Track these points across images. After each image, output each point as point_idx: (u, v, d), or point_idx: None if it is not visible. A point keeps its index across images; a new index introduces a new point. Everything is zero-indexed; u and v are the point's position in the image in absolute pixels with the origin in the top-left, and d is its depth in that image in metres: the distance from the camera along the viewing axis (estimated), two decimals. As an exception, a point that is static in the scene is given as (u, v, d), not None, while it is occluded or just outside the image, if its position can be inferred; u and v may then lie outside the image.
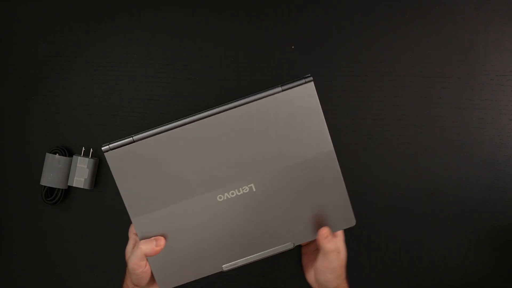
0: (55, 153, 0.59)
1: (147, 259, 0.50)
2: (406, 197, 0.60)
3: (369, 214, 0.58)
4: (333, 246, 0.49)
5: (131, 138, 0.48)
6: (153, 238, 0.50)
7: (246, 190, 0.50)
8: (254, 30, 0.61)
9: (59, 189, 0.60)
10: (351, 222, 0.51)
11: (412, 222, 0.60)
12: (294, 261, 0.60)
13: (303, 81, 0.48)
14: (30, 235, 0.61)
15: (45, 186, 0.59)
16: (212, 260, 0.51)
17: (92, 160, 0.59)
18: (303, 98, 0.49)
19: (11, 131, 0.62)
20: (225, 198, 0.50)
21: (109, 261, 0.60)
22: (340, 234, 0.52)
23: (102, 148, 0.48)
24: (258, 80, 0.60)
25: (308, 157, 0.50)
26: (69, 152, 0.60)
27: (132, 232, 0.53)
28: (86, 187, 0.59)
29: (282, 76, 0.60)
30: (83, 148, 0.60)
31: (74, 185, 0.59)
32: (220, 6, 0.61)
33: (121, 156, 0.49)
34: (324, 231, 0.49)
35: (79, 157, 0.59)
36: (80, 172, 0.59)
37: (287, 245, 0.51)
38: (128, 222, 0.60)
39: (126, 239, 0.60)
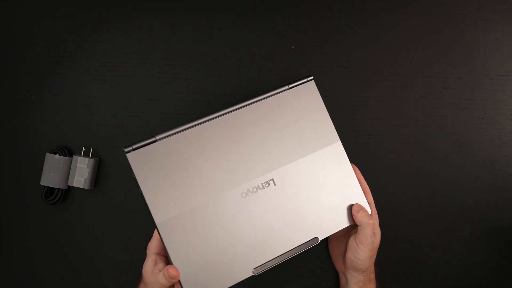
0: (55, 153, 0.59)
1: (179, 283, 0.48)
2: (406, 197, 0.60)
3: (369, 214, 0.58)
4: (368, 219, 0.50)
5: (154, 138, 0.48)
6: (164, 271, 0.46)
7: (267, 185, 0.50)
8: (254, 30, 0.61)
9: (59, 189, 0.59)
10: (367, 210, 0.52)
11: (412, 222, 0.60)
12: (293, 262, 0.60)
13: (305, 80, 0.52)
14: (30, 235, 0.61)
15: (45, 186, 0.59)
16: (241, 264, 0.49)
17: (92, 160, 0.59)
18: (307, 95, 0.52)
19: (11, 131, 0.62)
20: (248, 194, 0.50)
21: (109, 261, 0.60)
22: (375, 217, 0.53)
23: (125, 150, 0.47)
24: (258, 80, 0.60)
25: (319, 148, 0.52)
26: (69, 152, 0.60)
27: (151, 251, 0.50)
28: (86, 187, 0.59)
29: (282, 76, 0.60)
30: (83, 148, 0.60)
31: (74, 185, 0.59)
32: (220, 6, 0.61)
33: (144, 157, 0.47)
34: (356, 206, 0.51)
35: (79, 157, 0.59)
36: (80, 172, 0.59)
37: (314, 240, 0.51)
38: (128, 221, 0.60)
39: (126, 238, 0.61)
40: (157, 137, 0.48)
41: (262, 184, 0.50)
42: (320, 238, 0.51)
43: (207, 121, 0.50)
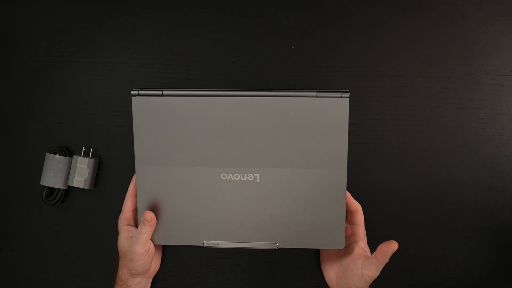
0: (55, 153, 0.59)
1: (150, 242, 0.52)
2: (406, 197, 0.60)
3: (369, 214, 0.58)
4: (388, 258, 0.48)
5: (161, 91, 0.50)
6: (142, 219, 0.51)
7: (250, 178, 0.50)
8: (254, 30, 0.61)
9: (59, 189, 0.60)
10: (340, 245, 0.52)
11: (412, 222, 0.60)
12: (293, 262, 0.60)
13: (339, 94, 0.49)
14: (30, 235, 0.61)
15: (45, 186, 0.59)
16: (197, 232, 0.52)
17: (92, 160, 0.59)
18: (334, 110, 0.49)
19: (11, 131, 0.62)
20: (228, 178, 0.51)
21: (109, 261, 0.60)
22: (364, 238, 0.54)
23: (132, 92, 0.50)
24: (258, 80, 0.60)
25: (320, 168, 0.50)
26: (69, 152, 0.60)
27: (123, 223, 0.54)
28: (86, 187, 0.59)
29: (282, 76, 0.60)
30: (83, 148, 0.60)
31: (74, 185, 0.59)
32: (220, 6, 0.61)
33: (146, 105, 0.50)
34: (396, 246, 0.47)
35: (79, 157, 0.59)
36: (80, 172, 0.59)
37: (272, 244, 0.52)
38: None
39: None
40: (164, 92, 0.50)
41: (246, 175, 0.50)
42: (280, 246, 0.52)
43: (219, 96, 0.50)
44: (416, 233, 0.60)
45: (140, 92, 0.50)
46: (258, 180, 0.51)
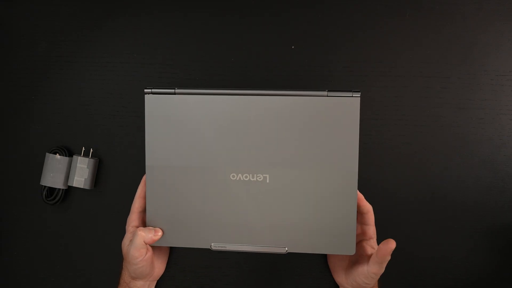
0: (55, 153, 0.59)
1: (148, 247, 0.51)
2: (406, 197, 0.60)
3: (369, 214, 0.59)
4: (388, 258, 0.49)
5: (173, 90, 0.50)
6: (152, 228, 0.51)
7: (260, 178, 0.50)
8: (254, 30, 0.61)
9: (59, 189, 0.60)
10: (351, 250, 0.50)
11: (412, 222, 0.60)
12: (292, 261, 0.60)
13: (350, 94, 0.49)
14: (30, 235, 0.61)
15: (45, 186, 0.59)
16: (205, 234, 0.51)
17: (92, 160, 0.59)
18: (345, 110, 0.49)
19: (11, 131, 0.62)
20: (238, 178, 0.50)
21: (109, 261, 0.60)
22: (374, 237, 0.54)
23: (145, 90, 0.50)
24: (258, 80, 0.60)
25: (331, 169, 0.49)
26: (69, 152, 0.60)
27: (130, 225, 0.53)
28: (86, 187, 0.59)
29: (282, 76, 0.60)
30: (83, 148, 0.60)
31: (74, 185, 0.59)
32: (220, 6, 0.61)
33: (159, 103, 0.50)
34: (394, 245, 0.48)
35: (79, 157, 0.59)
36: (80, 172, 0.59)
37: (281, 249, 0.51)
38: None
39: (126, 239, 0.60)
40: (177, 90, 0.50)
41: (255, 175, 0.50)
42: (289, 251, 0.51)
43: (231, 95, 0.50)
44: (416, 233, 0.60)
45: (153, 90, 0.50)
46: (267, 181, 0.50)
